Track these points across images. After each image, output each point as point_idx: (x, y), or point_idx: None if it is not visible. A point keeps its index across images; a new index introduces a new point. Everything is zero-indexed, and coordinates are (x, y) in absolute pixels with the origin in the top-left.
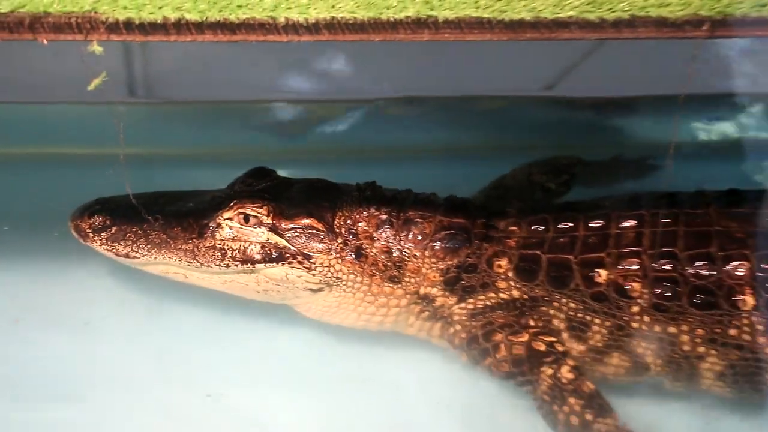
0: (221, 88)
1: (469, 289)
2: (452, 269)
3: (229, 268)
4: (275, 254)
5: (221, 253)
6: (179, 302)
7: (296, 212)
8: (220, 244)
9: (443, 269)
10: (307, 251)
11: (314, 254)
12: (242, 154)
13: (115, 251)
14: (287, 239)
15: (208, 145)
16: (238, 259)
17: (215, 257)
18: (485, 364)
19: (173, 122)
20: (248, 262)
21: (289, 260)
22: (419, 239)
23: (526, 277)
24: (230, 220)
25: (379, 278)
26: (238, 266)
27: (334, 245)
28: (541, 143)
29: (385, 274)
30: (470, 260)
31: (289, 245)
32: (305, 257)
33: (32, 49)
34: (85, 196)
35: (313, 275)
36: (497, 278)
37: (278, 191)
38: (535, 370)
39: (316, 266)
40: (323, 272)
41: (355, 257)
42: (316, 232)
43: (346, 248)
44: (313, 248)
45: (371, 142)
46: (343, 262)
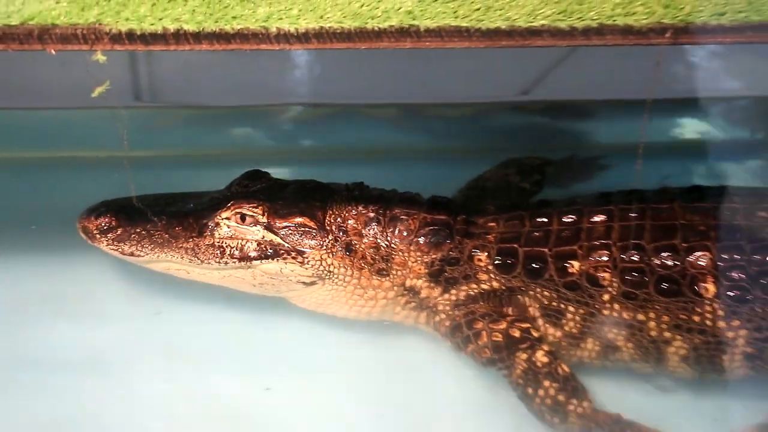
0: (219, 93)
1: (452, 280)
2: (436, 262)
3: (227, 264)
4: (270, 251)
5: (220, 250)
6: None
7: (289, 211)
8: (219, 242)
9: (428, 262)
10: (300, 247)
11: (307, 250)
12: (240, 155)
13: (120, 251)
14: (281, 236)
15: (207, 146)
16: (236, 256)
17: (215, 254)
18: (468, 350)
19: (176, 126)
20: (246, 258)
21: (283, 256)
22: (405, 235)
23: (504, 269)
24: (228, 219)
25: (368, 271)
26: (236, 262)
27: (325, 241)
28: (514, 147)
29: (373, 267)
30: (453, 254)
31: (283, 242)
32: (299, 253)
33: (42, 58)
34: (98, 197)
35: (306, 269)
36: (478, 270)
37: (272, 192)
38: (511, 356)
39: (308, 261)
40: (316, 266)
41: (345, 252)
42: (308, 229)
43: (336, 244)
44: (305, 244)
45: (358, 144)
46: (334, 256)
